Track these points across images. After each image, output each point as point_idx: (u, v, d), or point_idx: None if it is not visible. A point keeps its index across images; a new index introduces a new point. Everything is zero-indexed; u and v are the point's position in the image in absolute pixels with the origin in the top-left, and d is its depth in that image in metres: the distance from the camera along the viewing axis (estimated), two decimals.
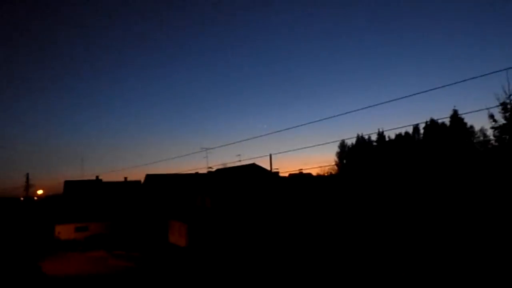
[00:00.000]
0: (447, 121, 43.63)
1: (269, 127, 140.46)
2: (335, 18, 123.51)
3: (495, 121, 25.59)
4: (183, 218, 37.66)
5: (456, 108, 43.72)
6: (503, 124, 24.84)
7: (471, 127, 44.26)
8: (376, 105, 22.23)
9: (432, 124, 45.82)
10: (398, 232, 26.24)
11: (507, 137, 24.86)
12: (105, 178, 58.64)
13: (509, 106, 23.78)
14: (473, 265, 19.21)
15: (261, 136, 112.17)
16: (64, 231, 44.59)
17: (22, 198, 69.95)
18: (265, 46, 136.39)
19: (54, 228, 45.07)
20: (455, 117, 41.99)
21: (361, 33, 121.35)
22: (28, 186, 56.41)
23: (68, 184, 53.10)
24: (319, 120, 62.72)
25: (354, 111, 30.16)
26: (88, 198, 49.82)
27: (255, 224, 34.08)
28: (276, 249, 29.12)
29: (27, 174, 56.60)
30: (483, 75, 13.31)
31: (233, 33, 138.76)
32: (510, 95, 23.68)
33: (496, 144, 27.91)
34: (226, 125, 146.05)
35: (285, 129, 69.60)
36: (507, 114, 24.21)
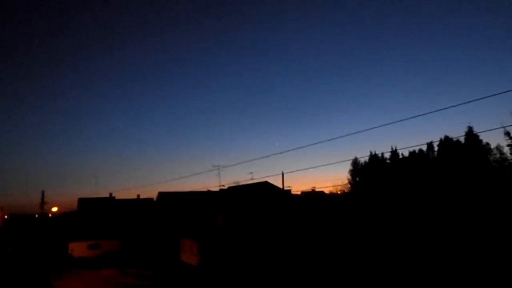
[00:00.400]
0: (462, 139, 42.97)
1: (282, 145, 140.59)
2: (348, 35, 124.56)
3: (511, 138, 25.18)
4: (195, 236, 37.51)
5: (471, 125, 43.08)
6: None
7: (487, 144, 43.44)
8: (390, 123, 22.09)
9: (446, 141, 45.12)
10: (412, 252, 25.63)
11: None
12: (118, 195, 59.23)
13: None
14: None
15: (273, 154, 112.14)
16: (77, 249, 44.85)
17: (37, 215, 70.96)
18: (278, 63, 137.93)
19: (68, 245, 45.41)
20: (470, 134, 41.31)
21: (375, 50, 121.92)
22: (43, 203, 57.39)
23: (82, 201, 53.69)
24: (332, 139, 62.40)
25: (368, 129, 29.96)
26: (101, 215, 50.18)
27: (268, 243, 33.72)
28: (289, 268, 28.67)
29: (43, 191, 57.78)
30: (497, 94, 13.19)
31: (246, 51, 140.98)
32: None
33: None
34: (239, 143, 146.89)
35: (298, 148, 69.59)
36: None
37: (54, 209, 65.65)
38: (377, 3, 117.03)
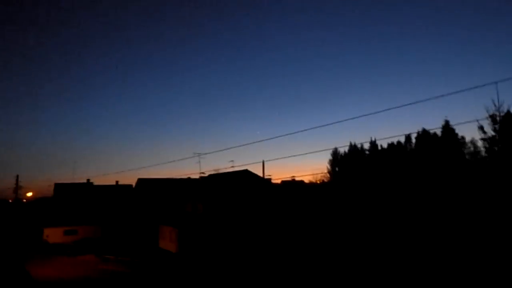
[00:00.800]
0: (439, 131, 44.04)
1: (263, 134, 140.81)
2: (328, 27, 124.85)
3: (484, 132, 26.01)
4: (174, 223, 37.44)
5: (447, 118, 44.17)
6: (492, 136, 25.26)
7: (463, 138, 44.68)
8: (369, 114, 22.47)
9: (424, 134, 46.18)
10: (389, 239, 26.41)
11: (496, 148, 25.23)
12: (97, 181, 58.28)
13: (497, 118, 24.20)
14: (463, 270, 19.40)
15: (254, 142, 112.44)
16: (53, 235, 44.04)
17: (10, 201, 69.00)
18: (258, 54, 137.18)
19: (43, 231, 44.51)
20: (447, 127, 42.40)
21: (354, 42, 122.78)
22: (18, 188, 55.62)
23: (58, 186, 52.57)
24: (313, 128, 63.11)
25: (347, 119, 30.45)
26: (79, 201, 49.35)
27: (247, 230, 34.01)
28: (268, 255, 29.08)
29: (17, 176, 55.85)
30: (473, 88, 13.59)
31: (227, 40, 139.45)
32: (499, 108, 24.14)
33: (486, 155, 28.31)
34: (219, 130, 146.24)
35: (279, 136, 69.90)
36: (496, 126, 24.62)
37: (29, 194, 63.91)
38: None
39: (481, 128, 26.33)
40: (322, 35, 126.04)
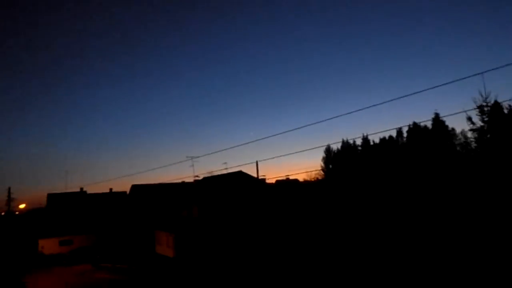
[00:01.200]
0: (429, 124, 44.49)
1: (255, 134, 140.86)
2: (316, 25, 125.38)
3: (473, 123, 26.31)
4: (170, 228, 37.28)
5: (437, 111, 44.62)
6: (481, 126, 25.55)
7: (453, 129, 45.19)
8: (361, 110, 22.63)
9: (415, 128, 46.59)
10: (385, 234, 26.56)
11: (485, 138, 25.54)
12: (90, 189, 57.74)
13: (485, 109, 24.51)
14: (457, 267, 19.59)
15: (247, 143, 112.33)
16: (48, 245, 43.59)
17: (2, 213, 68.14)
18: (249, 54, 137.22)
19: (38, 242, 44.03)
20: (437, 120, 42.83)
21: (343, 39, 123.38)
22: (10, 200, 55.02)
23: (51, 197, 52.01)
24: (305, 126, 62.97)
25: (339, 116, 30.53)
26: (72, 210, 48.89)
27: (243, 232, 33.98)
28: (265, 256, 29.08)
29: (9, 188, 55.32)
30: (460, 79, 13.77)
31: (217, 42, 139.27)
32: (486, 98, 24.45)
33: (476, 145, 28.63)
34: (212, 133, 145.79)
35: (271, 136, 69.81)
36: (484, 117, 24.92)
37: (22, 206, 63.20)
38: None
39: (469, 119, 26.65)
40: (310, 33, 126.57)
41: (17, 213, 70.91)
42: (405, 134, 50.53)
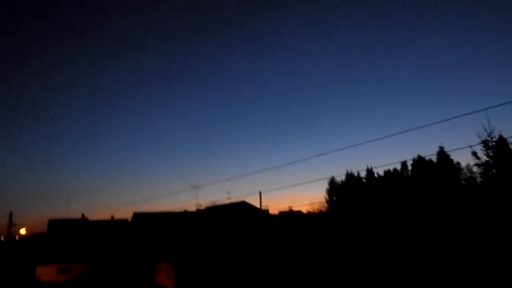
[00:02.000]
0: (434, 158, 44.35)
1: (259, 165, 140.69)
2: (323, 57, 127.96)
3: (478, 158, 26.12)
4: (171, 258, 36.62)
5: (442, 145, 44.60)
6: (486, 161, 25.38)
7: (458, 163, 44.98)
8: (366, 142, 22.68)
9: (419, 161, 46.47)
10: (389, 268, 25.88)
11: (491, 173, 25.31)
12: (92, 216, 57.46)
13: (490, 144, 24.43)
14: None
15: (251, 174, 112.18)
16: (46, 273, 42.81)
17: (3, 238, 67.63)
18: (253, 86, 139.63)
19: (35, 269, 43.32)
20: (442, 154, 42.73)
21: (349, 72, 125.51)
22: (11, 225, 54.59)
23: (52, 223, 51.61)
24: (309, 158, 63.05)
25: (344, 148, 30.65)
26: (73, 237, 48.34)
27: (245, 263, 33.27)
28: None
29: (10, 212, 55.00)
30: (464, 115, 13.85)
31: (221, 73, 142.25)
32: (490, 133, 24.42)
33: (481, 180, 28.33)
34: (215, 162, 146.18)
35: (275, 167, 69.79)
36: (489, 152, 24.80)
37: (23, 231, 62.64)
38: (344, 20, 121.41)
39: (474, 153, 26.47)
40: (316, 65, 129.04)
41: (17, 238, 70.36)
42: (409, 167, 50.42)
